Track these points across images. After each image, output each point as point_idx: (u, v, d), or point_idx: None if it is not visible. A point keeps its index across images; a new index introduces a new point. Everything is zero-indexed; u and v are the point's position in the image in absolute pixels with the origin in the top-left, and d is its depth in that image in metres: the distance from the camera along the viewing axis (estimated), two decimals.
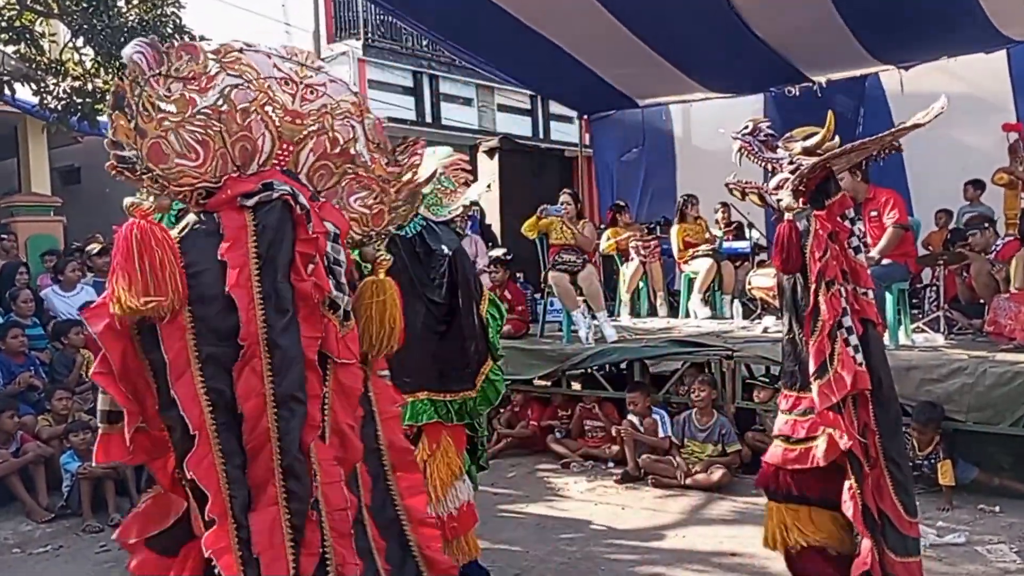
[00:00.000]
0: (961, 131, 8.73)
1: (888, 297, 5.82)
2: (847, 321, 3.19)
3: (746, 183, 3.88)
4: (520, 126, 16.47)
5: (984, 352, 5.35)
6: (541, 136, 16.90)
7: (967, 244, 6.83)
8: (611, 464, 6.11)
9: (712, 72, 9.37)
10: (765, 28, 8.10)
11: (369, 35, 14.44)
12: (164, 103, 2.14)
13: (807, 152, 3.41)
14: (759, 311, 7.53)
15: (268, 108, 2.23)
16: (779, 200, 3.47)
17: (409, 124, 14.54)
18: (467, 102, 16.03)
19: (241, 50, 2.22)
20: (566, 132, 17.71)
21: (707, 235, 8.20)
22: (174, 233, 2.14)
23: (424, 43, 14.87)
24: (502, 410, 7.02)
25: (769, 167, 3.60)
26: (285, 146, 2.27)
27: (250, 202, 2.15)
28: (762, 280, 7.38)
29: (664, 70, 9.20)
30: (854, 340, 3.17)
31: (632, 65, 9.22)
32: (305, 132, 2.29)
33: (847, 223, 3.35)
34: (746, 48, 8.44)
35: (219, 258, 2.10)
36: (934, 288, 7.13)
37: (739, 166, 3.71)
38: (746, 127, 3.65)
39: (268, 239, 2.13)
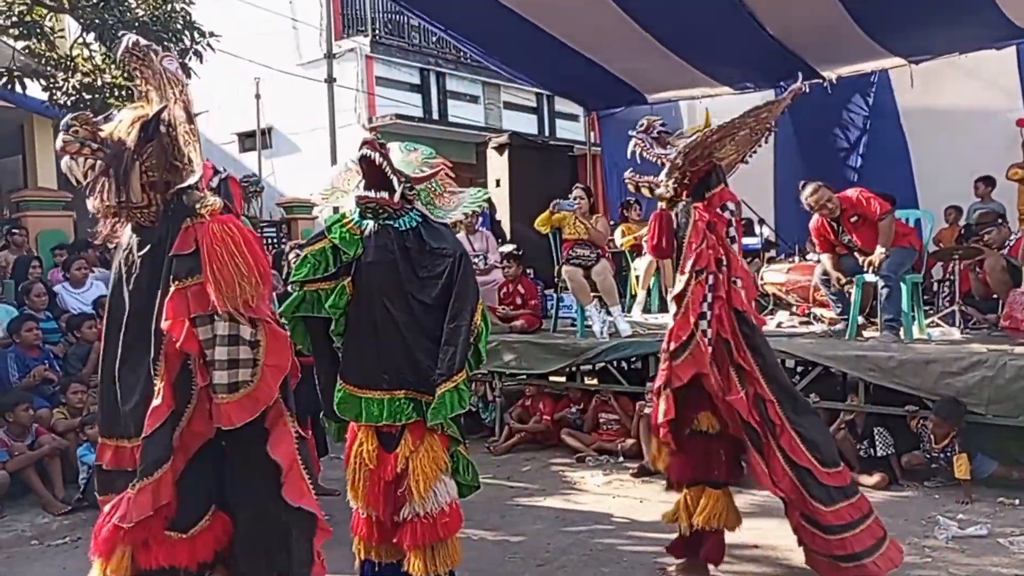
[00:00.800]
0: (970, 128, 8.74)
1: (903, 288, 5.83)
2: (707, 310, 3.55)
3: (640, 178, 3.94)
4: (526, 123, 16.47)
5: (1003, 346, 5.34)
6: (547, 133, 16.91)
7: (981, 240, 6.84)
8: (622, 458, 6.11)
9: (723, 67, 9.36)
10: (776, 23, 8.10)
11: (377, 32, 14.43)
12: None
13: (687, 149, 3.67)
14: (771, 306, 7.54)
15: None
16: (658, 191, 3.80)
17: (416, 121, 14.54)
18: (474, 99, 16.03)
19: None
20: (572, 129, 17.71)
21: None
22: None
23: (434, 39, 14.88)
24: (514, 405, 7.04)
25: (660, 162, 3.83)
26: None
27: None
28: (774, 276, 7.49)
29: (674, 65, 9.20)
30: (709, 331, 3.56)
31: (642, 61, 9.21)
32: None
33: (726, 214, 3.68)
34: (756, 43, 8.43)
35: None
36: (947, 283, 7.13)
37: (639, 162, 3.91)
38: (641, 124, 3.92)
39: None
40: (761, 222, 8.38)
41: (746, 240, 8.28)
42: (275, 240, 11.94)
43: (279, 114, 14.13)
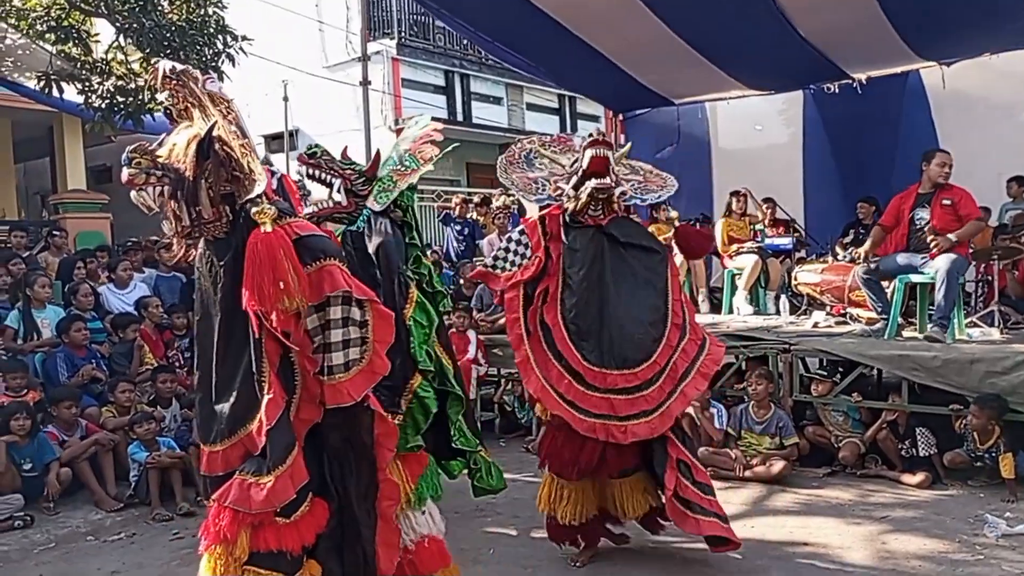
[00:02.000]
0: (1001, 128, 8.74)
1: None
2: None
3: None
4: (548, 125, 16.55)
5: None
6: (568, 135, 16.96)
7: (1016, 240, 6.85)
8: None
9: (751, 69, 9.38)
10: (807, 25, 8.10)
11: (403, 35, 14.53)
12: None
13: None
14: (805, 306, 7.57)
15: None
16: None
17: (441, 122, 14.59)
18: (497, 101, 16.11)
19: None
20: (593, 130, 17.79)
21: (752, 231, 8.21)
22: None
23: (463, 42, 14.95)
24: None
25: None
26: None
27: None
28: (807, 276, 7.51)
29: (702, 68, 9.21)
30: None
31: (670, 63, 9.23)
32: None
33: None
34: (786, 45, 8.44)
35: None
36: (983, 284, 7.14)
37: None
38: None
39: None
40: (793, 222, 8.38)
41: (779, 240, 8.34)
42: None
43: (305, 116, 14.25)
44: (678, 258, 8.00)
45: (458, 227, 10.14)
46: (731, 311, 8.05)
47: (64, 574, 4.48)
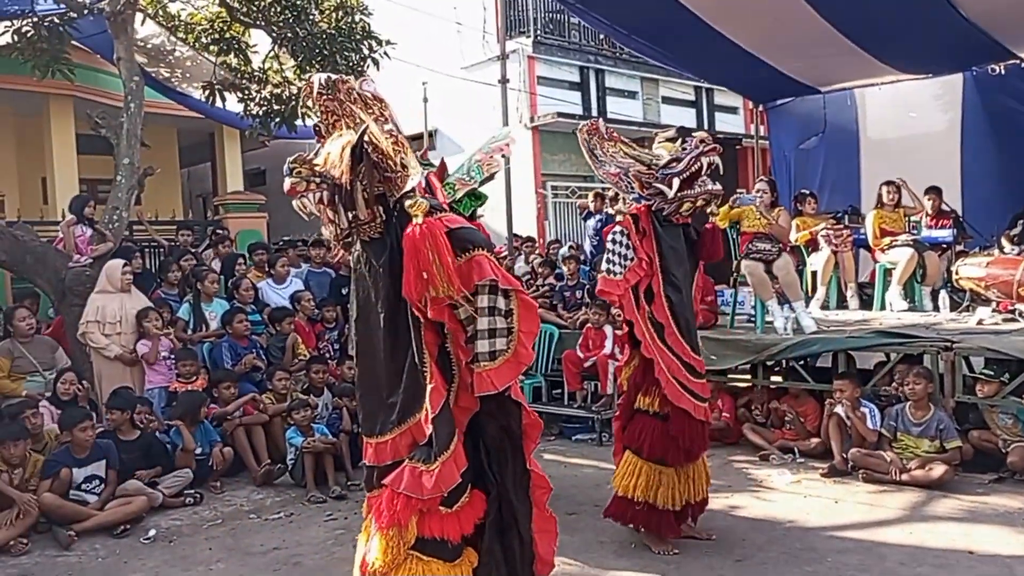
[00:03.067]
0: None
1: None
2: None
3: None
4: (684, 117, 16.24)
5: None
6: (706, 127, 16.60)
7: None
8: (803, 459, 5.95)
9: (905, 53, 8.90)
10: (972, 4, 7.60)
11: (538, 33, 14.66)
12: None
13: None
14: (968, 302, 7.11)
15: None
16: None
17: (576, 119, 14.64)
18: (632, 95, 15.96)
19: None
20: (731, 122, 17.33)
21: (908, 223, 7.77)
22: None
23: (598, 37, 14.94)
24: None
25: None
26: None
27: None
28: (971, 270, 7.04)
29: (852, 54, 8.82)
30: None
31: (816, 50, 8.88)
32: None
33: None
34: (947, 26, 7.95)
35: None
36: None
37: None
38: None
39: None
40: (956, 214, 7.88)
41: (936, 233, 7.86)
42: None
43: (443, 116, 14.61)
44: (825, 251, 7.87)
45: (594, 222, 10.14)
46: (883, 307, 7.65)
47: (231, 548, 4.80)
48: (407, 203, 2.67)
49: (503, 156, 4.09)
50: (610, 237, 4.30)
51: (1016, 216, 7.84)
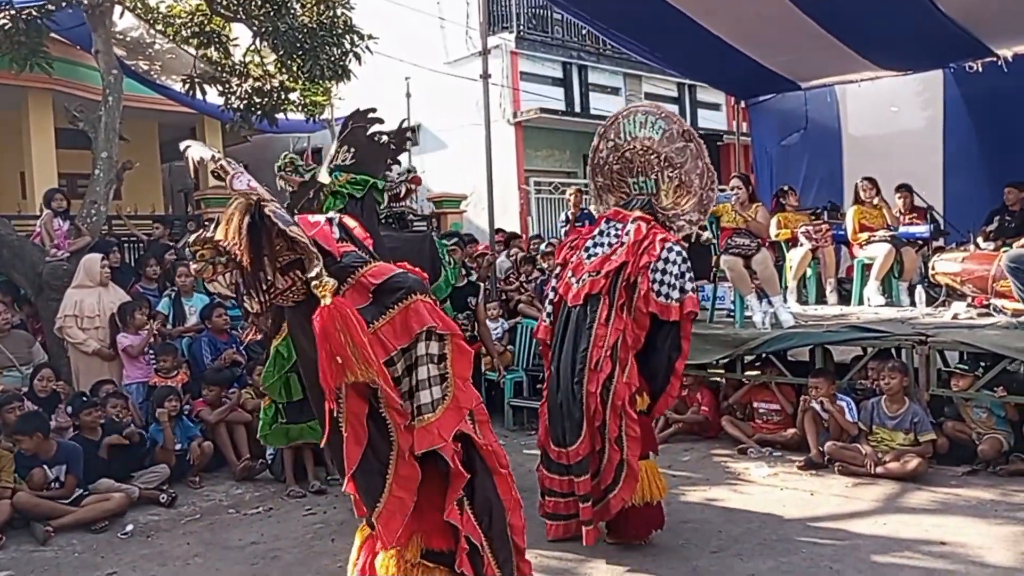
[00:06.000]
0: None
1: None
2: None
3: None
4: None
5: None
6: (689, 124, 16.61)
7: None
8: (784, 452, 6.00)
9: (885, 48, 8.93)
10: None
11: (521, 28, 14.66)
12: None
13: None
14: (944, 297, 7.18)
15: None
16: None
17: (560, 115, 14.68)
18: (615, 91, 15.97)
19: None
20: (713, 119, 17.39)
21: (887, 220, 7.83)
22: None
23: (581, 33, 14.93)
24: None
25: None
26: None
27: None
28: (947, 265, 7.11)
29: (833, 49, 8.84)
30: None
31: (797, 44, 8.90)
32: None
33: None
34: (926, 22, 7.99)
35: None
36: None
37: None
38: None
39: None
40: (930, 209, 7.95)
41: (913, 229, 7.93)
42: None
43: (426, 112, 14.59)
44: (803, 248, 7.93)
45: (577, 222, 10.13)
46: (861, 302, 7.72)
47: (209, 543, 4.79)
48: (312, 284, 2.52)
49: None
50: (667, 255, 4.16)
51: (993, 212, 7.92)
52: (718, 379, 6.84)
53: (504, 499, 2.89)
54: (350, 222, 2.98)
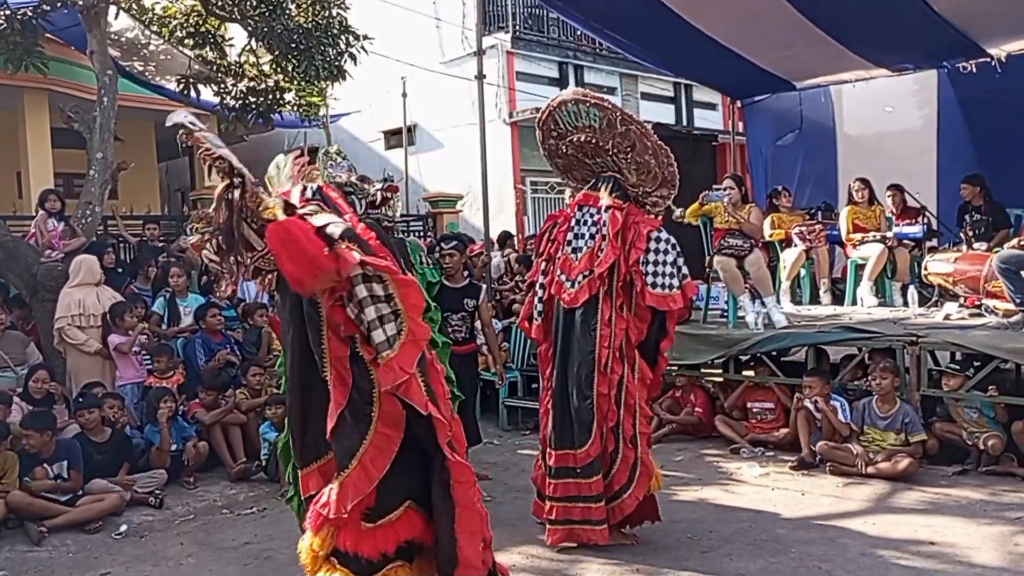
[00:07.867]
0: None
1: None
2: None
3: None
4: (663, 114, 16.30)
5: None
6: (685, 123, 16.68)
7: None
8: (777, 452, 6.02)
9: (880, 48, 8.94)
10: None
11: (517, 28, 14.67)
12: None
13: None
14: (936, 298, 7.20)
15: None
16: None
17: None
18: (610, 91, 15.95)
19: None
20: (710, 119, 17.41)
21: (881, 221, 7.85)
22: None
23: (576, 33, 14.94)
24: (663, 396, 7.00)
25: None
26: None
27: None
28: (939, 266, 7.14)
29: (828, 49, 8.87)
30: None
31: (792, 43, 8.92)
32: None
33: None
34: (920, 21, 8.01)
35: None
36: None
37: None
38: None
39: None
40: (924, 209, 7.97)
41: (906, 229, 7.95)
42: (421, 233, 12.41)
43: (422, 112, 14.60)
44: (797, 248, 7.95)
45: None
46: (855, 302, 7.75)
47: (202, 543, 4.81)
48: (261, 211, 2.63)
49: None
50: (655, 245, 4.18)
51: (959, 210, 7.97)
52: (711, 380, 6.86)
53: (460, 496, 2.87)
54: (333, 193, 3.07)
